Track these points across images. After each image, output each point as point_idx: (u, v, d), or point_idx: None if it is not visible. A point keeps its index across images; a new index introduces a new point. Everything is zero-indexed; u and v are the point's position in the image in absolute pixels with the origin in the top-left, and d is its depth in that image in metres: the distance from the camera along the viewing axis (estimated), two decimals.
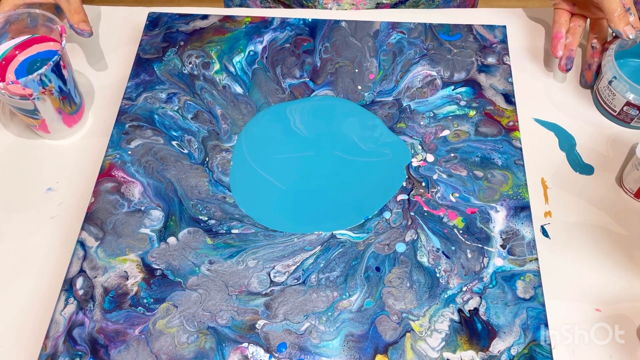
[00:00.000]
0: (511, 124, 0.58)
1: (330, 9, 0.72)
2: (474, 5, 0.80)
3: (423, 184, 0.54)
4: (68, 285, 0.49)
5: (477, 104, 0.59)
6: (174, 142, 0.57)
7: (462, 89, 0.60)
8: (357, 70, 0.62)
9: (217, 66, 0.62)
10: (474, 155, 0.56)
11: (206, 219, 0.53)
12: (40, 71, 0.53)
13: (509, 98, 0.59)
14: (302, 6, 0.74)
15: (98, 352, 0.46)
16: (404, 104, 0.59)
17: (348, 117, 0.59)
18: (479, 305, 0.48)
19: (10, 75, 0.57)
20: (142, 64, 0.62)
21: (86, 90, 0.64)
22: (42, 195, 0.57)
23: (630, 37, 0.57)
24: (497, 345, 0.46)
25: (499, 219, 0.52)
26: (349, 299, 0.48)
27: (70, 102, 0.59)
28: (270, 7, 0.77)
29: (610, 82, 0.58)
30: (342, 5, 0.72)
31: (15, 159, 0.59)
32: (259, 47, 0.64)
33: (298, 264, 0.50)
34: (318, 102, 0.60)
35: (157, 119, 0.59)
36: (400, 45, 0.64)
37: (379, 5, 0.72)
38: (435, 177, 0.55)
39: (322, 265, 0.50)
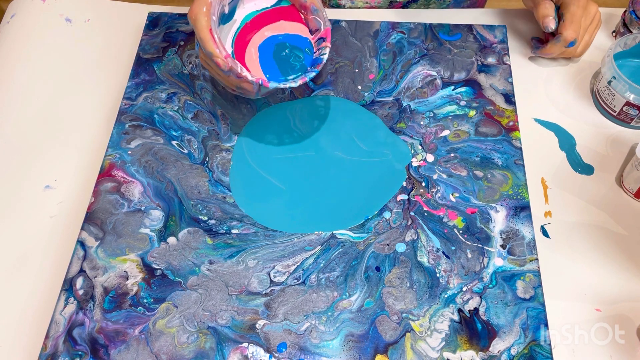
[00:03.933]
0: (511, 124, 0.58)
1: (344, 6, 0.72)
2: (482, 5, 0.80)
3: (423, 184, 0.54)
4: (68, 285, 0.49)
5: (477, 104, 0.59)
6: (174, 142, 0.57)
7: (462, 89, 0.60)
8: (357, 70, 0.62)
9: None
10: (474, 155, 0.56)
11: (206, 219, 0.53)
12: (291, 84, 0.51)
13: (509, 98, 0.59)
14: None
15: (98, 352, 0.46)
16: (404, 104, 0.59)
17: (348, 117, 0.59)
18: (479, 305, 0.48)
19: (252, 49, 0.53)
20: (142, 64, 0.62)
21: (86, 89, 0.64)
22: (41, 194, 0.57)
23: (548, 29, 0.61)
24: (497, 345, 0.46)
25: (499, 219, 0.52)
26: (349, 299, 0.48)
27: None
28: None
29: (609, 82, 0.58)
30: (355, 3, 0.71)
31: (14, 156, 0.59)
32: None
33: (298, 264, 0.50)
34: (318, 102, 0.60)
35: (157, 119, 0.59)
36: (400, 45, 0.64)
37: (391, 4, 0.71)
38: (435, 177, 0.55)
39: (322, 265, 0.50)
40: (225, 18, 0.54)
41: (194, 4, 0.50)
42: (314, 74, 0.52)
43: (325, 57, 0.53)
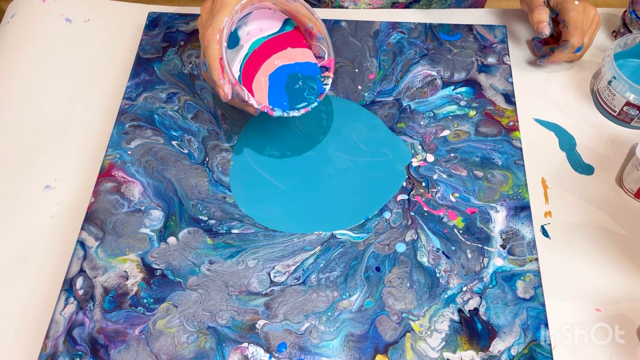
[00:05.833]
0: (511, 124, 0.58)
1: (347, 7, 0.72)
2: (482, 5, 0.80)
3: (423, 184, 0.54)
4: (68, 285, 0.49)
5: (477, 104, 0.59)
6: (174, 142, 0.57)
7: (462, 89, 0.60)
8: (357, 70, 0.62)
9: None
10: (474, 155, 0.56)
11: (206, 219, 0.53)
12: (294, 114, 0.52)
13: (509, 98, 0.59)
14: (319, 3, 0.74)
15: (98, 352, 0.46)
16: (404, 104, 0.59)
17: (348, 117, 0.59)
18: (479, 305, 0.48)
19: (262, 77, 0.55)
20: (142, 64, 0.62)
21: (86, 89, 0.64)
22: (41, 194, 0.57)
23: (542, 35, 0.61)
24: (497, 345, 0.46)
25: (499, 219, 0.52)
26: (349, 299, 0.48)
27: None
28: None
29: (609, 82, 0.58)
30: (358, 5, 0.71)
31: (14, 155, 0.59)
32: None
33: (298, 264, 0.50)
34: (318, 102, 0.60)
35: (157, 119, 0.59)
36: (400, 45, 0.64)
37: (394, 5, 0.71)
38: (435, 177, 0.55)
39: (322, 265, 0.50)
40: (231, 41, 0.55)
41: (207, 29, 0.50)
42: (316, 104, 0.54)
43: (328, 87, 0.55)
